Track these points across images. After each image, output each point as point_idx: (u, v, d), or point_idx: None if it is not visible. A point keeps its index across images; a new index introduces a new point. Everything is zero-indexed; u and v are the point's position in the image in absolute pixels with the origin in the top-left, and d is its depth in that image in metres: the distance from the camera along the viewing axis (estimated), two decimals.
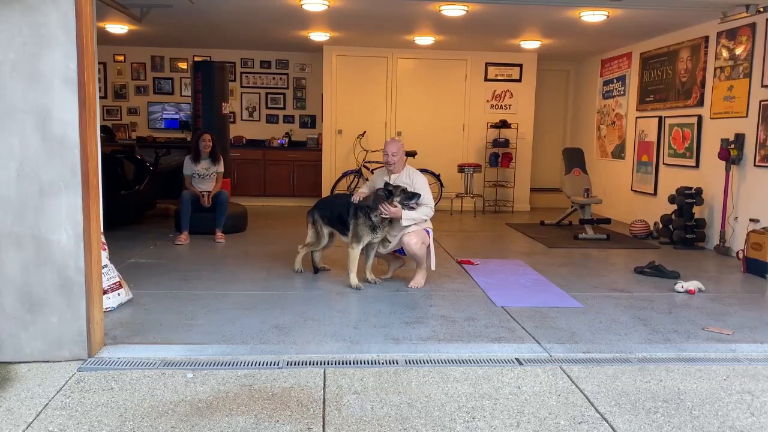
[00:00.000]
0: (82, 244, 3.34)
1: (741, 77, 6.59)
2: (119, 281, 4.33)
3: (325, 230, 5.28)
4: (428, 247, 5.06)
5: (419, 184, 5.06)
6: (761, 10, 5.62)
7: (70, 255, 3.33)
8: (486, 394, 3.08)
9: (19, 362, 3.34)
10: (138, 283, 4.81)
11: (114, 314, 4.13)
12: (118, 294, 4.29)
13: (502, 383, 3.22)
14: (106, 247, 4.18)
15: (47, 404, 2.89)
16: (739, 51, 6.63)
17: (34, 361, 3.35)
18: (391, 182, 5.01)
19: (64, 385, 3.09)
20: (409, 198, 4.89)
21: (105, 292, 4.00)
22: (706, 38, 7.20)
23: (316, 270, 5.50)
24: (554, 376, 3.32)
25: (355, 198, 5.06)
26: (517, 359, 3.55)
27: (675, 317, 4.37)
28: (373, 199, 4.91)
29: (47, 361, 3.36)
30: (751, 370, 3.47)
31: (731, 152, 6.52)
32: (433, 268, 5.12)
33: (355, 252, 4.95)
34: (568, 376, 3.31)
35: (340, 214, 5.10)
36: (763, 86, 6.24)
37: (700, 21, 7.14)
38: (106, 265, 4.15)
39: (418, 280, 5.10)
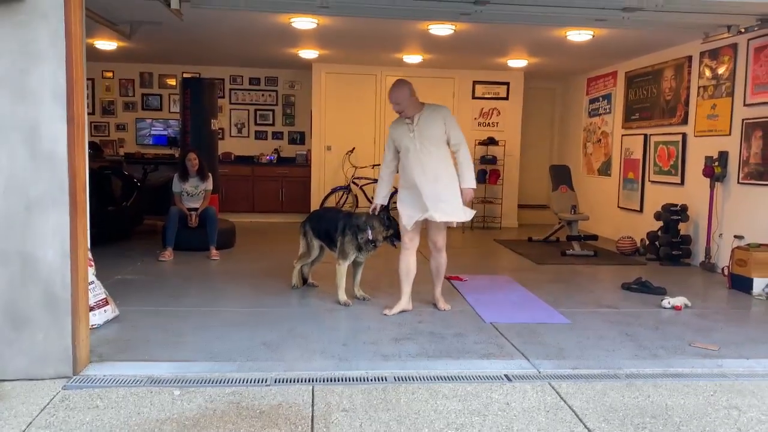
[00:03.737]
0: (69, 260, 3.32)
1: (724, 96, 6.70)
2: (106, 298, 4.30)
3: (315, 243, 5.28)
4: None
5: (451, 122, 4.61)
6: (742, 30, 5.73)
7: (57, 271, 3.31)
8: (475, 410, 3.08)
9: (3, 380, 3.29)
10: (125, 299, 4.77)
11: (100, 331, 4.09)
12: (105, 311, 4.25)
13: (491, 399, 3.21)
14: (92, 263, 4.15)
15: (31, 423, 2.85)
16: (721, 70, 6.75)
17: (18, 379, 3.30)
18: (414, 128, 4.56)
19: (48, 404, 3.05)
20: (398, 237, 4.82)
21: (91, 308, 3.97)
22: (690, 58, 7.32)
23: (305, 281, 5.50)
24: (543, 392, 3.33)
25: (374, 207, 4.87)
26: (506, 375, 3.55)
27: (662, 333, 4.39)
28: (364, 219, 4.89)
29: (31, 379, 3.31)
30: (738, 386, 3.49)
31: (715, 170, 6.61)
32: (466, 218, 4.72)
33: (342, 268, 4.94)
34: (557, 392, 3.32)
35: (327, 229, 5.11)
36: (745, 105, 6.35)
37: (683, 41, 7.27)
38: (92, 282, 4.12)
39: (441, 302, 4.90)
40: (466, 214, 4.65)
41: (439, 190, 4.53)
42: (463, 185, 4.59)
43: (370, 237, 4.83)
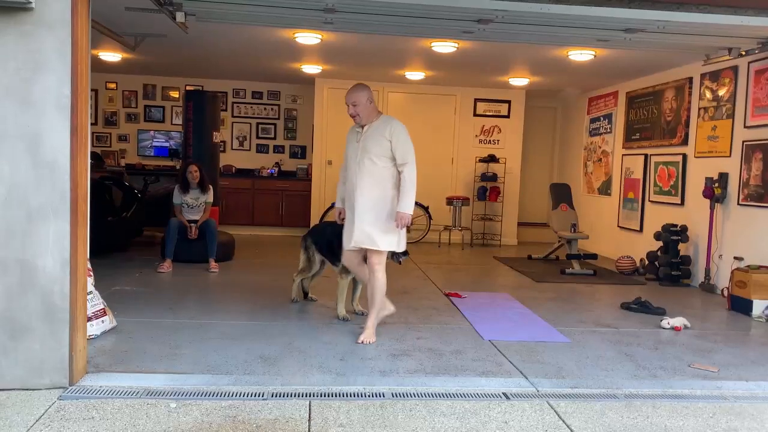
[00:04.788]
0: (69, 270, 3.31)
1: (724, 118, 6.73)
2: (104, 308, 4.28)
3: (317, 257, 5.27)
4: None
5: (398, 137, 4.23)
6: (743, 53, 5.77)
7: (56, 281, 3.30)
8: (473, 428, 3.06)
9: None
10: (123, 310, 4.75)
11: (97, 342, 4.07)
12: (102, 321, 4.24)
13: (489, 418, 3.19)
14: (91, 273, 4.14)
15: None
16: (722, 92, 6.79)
17: (14, 389, 3.28)
18: (361, 138, 4.30)
19: (43, 414, 3.03)
20: (404, 254, 4.85)
21: (89, 319, 3.95)
22: (690, 79, 7.37)
23: (305, 294, 5.49)
24: (541, 411, 3.31)
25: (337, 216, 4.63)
26: (504, 393, 3.53)
27: (661, 353, 4.38)
28: None
29: (27, 389, 3.29)
30: (737, 408, 3.47)
31: (715, 191, 6.62)
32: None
33: (344, 283, 4.93)
34: (555, 412, 3.30)
35: (330, 242, 5.09)
36: (745, 127, 6.38)
37: (684, 62, 7.32)
38: (91, 292, 4.10)
39: (369, 332, 4.36)
40: (389, 244, 4.27)
41: (362, 210, 4.24)
42: (398, 208, 4.20)
43: None
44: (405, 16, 4.96)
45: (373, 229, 4.25)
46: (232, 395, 3.34)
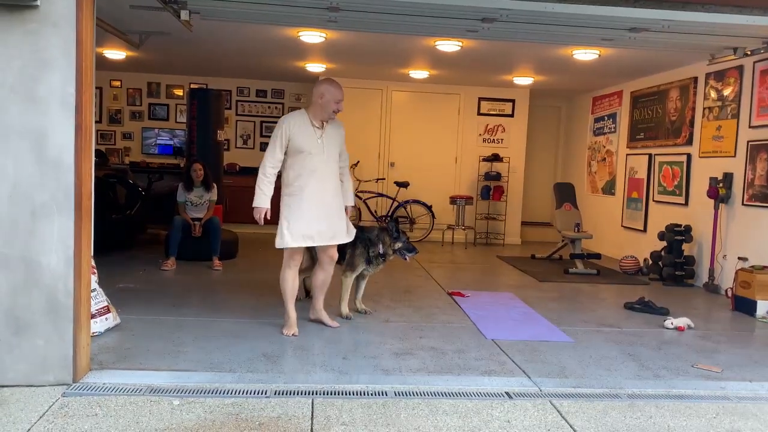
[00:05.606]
0: (72, 267, 3.32)
1: (729, 118, 6.71)
2: (107, 306, 4.30)
3: None
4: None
5: (343, 143, 4.68)
6: (748, 53, 5.75)
7: (60, 278, 3.31)
8: (475, 427, 3.06)
9: (2, 386, 3.28)
10: (126, 308, 4.76)
11: (101, 339, 4.08)
12: (106, 319, 4.25)
13: (491, 417, 3.19)
14: (95, 271, 4.15)
15: (29, 429, 2.84)
16: (727, 92, 6.77)
17: (18, 385, 3.30)
18: (322, 134, 4.42)
19: (47, 410, 3.04)
20: (410, 251, 4.94)
21: (93, 316, 3.96)
22: (695, 79, 7.35)
23: (308, 293, 5.49)
24: (544, 410, 3.31)
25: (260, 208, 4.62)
26: (506, 393, 3.53)
27: (664, 353, 4.37)
28: (376, 233, 4.92)
29: (31, 386, 3.30)
30: (740, 408, 3.46)
31: (720, 191, 6.60)
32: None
33: (348, 281, 4.94)
34: (558, 411, 3.30)
35: None
36: (750, 127, 6.36)
37: (689, 62, 7.30)
38: (94, 289, 4.12)
39: (326, 315, 4.71)
40: (351, 234, 4.67)
41: (335, 207, 4.52)
42: (350, 203, 4.73)
43: (381, 251, 4.85)
44: (409, 15, 4.96)
45: (346, 223, 4.61)
46: (235, 393, 3.35)
